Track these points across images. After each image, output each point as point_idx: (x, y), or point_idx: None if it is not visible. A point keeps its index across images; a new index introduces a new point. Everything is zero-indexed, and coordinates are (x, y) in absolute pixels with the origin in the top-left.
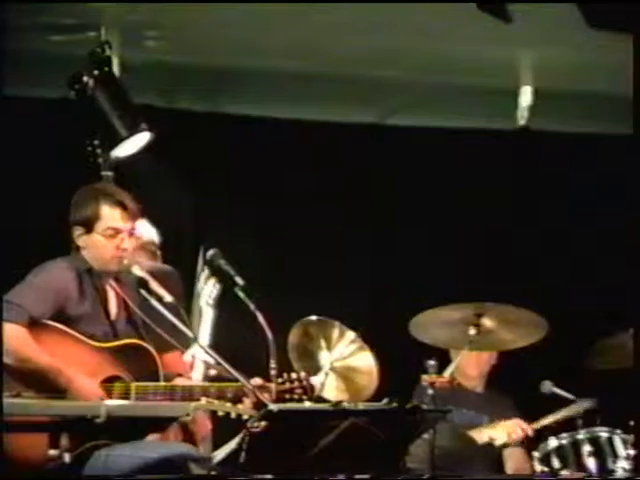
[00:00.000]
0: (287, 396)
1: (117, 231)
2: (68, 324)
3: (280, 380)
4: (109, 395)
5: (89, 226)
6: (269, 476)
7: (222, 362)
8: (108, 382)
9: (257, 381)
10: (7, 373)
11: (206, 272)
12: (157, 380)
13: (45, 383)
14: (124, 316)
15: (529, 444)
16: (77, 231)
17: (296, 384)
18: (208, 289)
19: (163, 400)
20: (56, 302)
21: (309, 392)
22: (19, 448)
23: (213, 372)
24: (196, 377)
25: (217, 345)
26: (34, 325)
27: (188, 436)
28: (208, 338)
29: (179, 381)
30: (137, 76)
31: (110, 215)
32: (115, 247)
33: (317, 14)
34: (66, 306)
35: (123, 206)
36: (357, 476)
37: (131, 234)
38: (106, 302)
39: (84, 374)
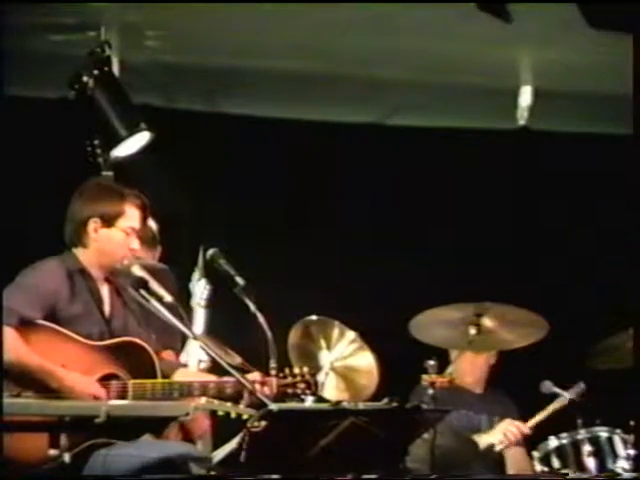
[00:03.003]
0: (289, 390)
1: (134, 231)
2: (61, 325)
3: (282, 375)
4: (106, 393)
5: (110, 221)
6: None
7: (222, 362)
8: (105, 380)
9: (255, 376)
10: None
11: (197, 272)
12: (154, 377)
13: (38, 384)
14: (120, 315)
15: (529, 443)
16: (95, 224)
17: (299, 379)
18: (200, 290)
19: (162, 398)
20: (46, 303)
21: (313, 387)
22: (19, 448)
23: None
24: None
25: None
26: (27, 326)
27: (185, 434)
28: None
29: (179, 374)
30: (137, 76)
31: (133, 215)
32: (128, 245)
33: (317, 14)
34: (57, 307)
35: (144, 209)
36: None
37: (139, 237)
38: (100, 302)
39: (79, 372)
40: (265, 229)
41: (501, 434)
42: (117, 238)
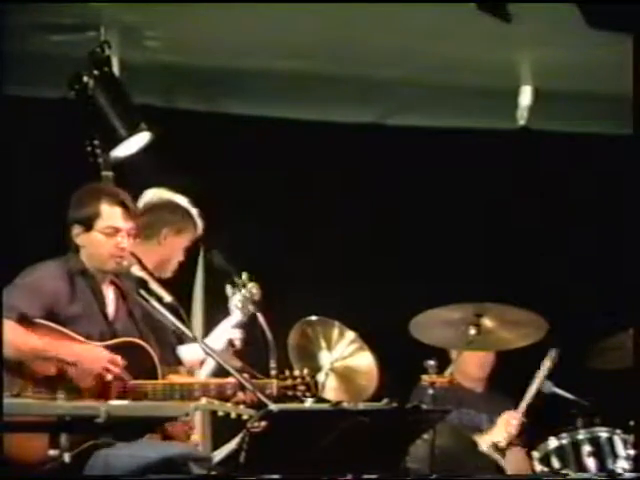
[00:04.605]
0: (290, 393)
1: (117, 230)
2: (61, 325)
3: (282, 377)
4: (107, 394)
5: (89, 224)
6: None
7: (222, 363)
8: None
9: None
10: (7, 369)
11: (245, 276)
12: (155, 378)
13: (44, 370)
14: (123, 315)
15: (528, 444)
16: (76, 229)
17: (299, 381)
18: (247, 292)
19: (162, 399)
20: (44, 303)
21: (313, 389)
22: (19, 448)
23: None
24: (205, 373)
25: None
26: (27, 325)
27: (165, 438)
28: (224, 341)
29: (174, 378)
30: (137, 76)
31: (110, 213)
32: (114, 246)
33: (317, 14)
34: (56, 307)
35: (124, 205)
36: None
37: (130, 234)
38: (102, 303)
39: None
40: (265, 229)
41: (504, 429)
42: (97, 241)
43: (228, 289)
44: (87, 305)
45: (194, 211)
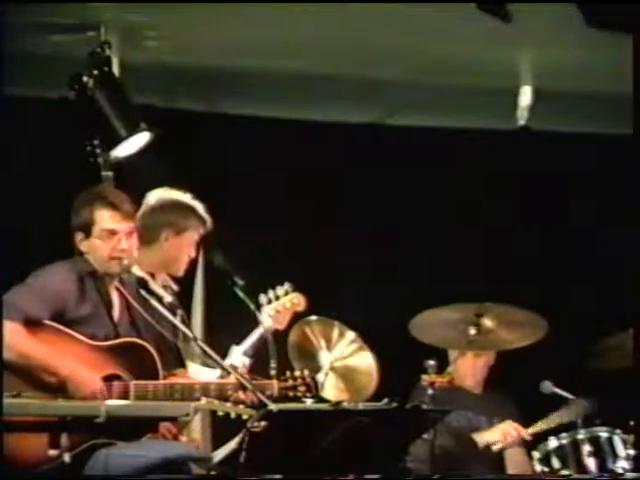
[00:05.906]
0: (290, 393)
1: (112, 232)
2: (69, 326)
3: (283, 377)
4: (108, 394)
5: (87, 230)
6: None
7: (222, 363)
8: (107, 381)
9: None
10: (6, 371)
11: (287, 286)
12: (156, 379)
13: (44, 378)
14: (127, 318)
15: (529, 444)
16: (78, 236)
17: (299, 381)
18: (288, 302)
19: (163, 399)
20: (54, 305)
21: (312, 390)
22: (19, 448)
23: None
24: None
25: (216, 345)
26: (31, 326)
27: None
28: (250, 346)
29: (175, 379)
30: (137, 76)
31: (103, 217)
32: (112, 248)
33: (317, 14)
34: (65, 309)
35: (115, 207)
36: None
37: (128, 234)
38: (109, 305)
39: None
40: (264, 229)
41: (500, 434)
42: (96, 246)
43: (262, 297)
44: (95, 306)
45: (199, 206)
